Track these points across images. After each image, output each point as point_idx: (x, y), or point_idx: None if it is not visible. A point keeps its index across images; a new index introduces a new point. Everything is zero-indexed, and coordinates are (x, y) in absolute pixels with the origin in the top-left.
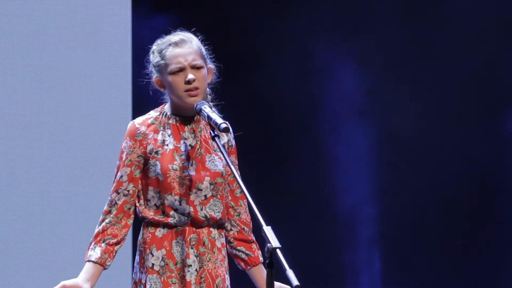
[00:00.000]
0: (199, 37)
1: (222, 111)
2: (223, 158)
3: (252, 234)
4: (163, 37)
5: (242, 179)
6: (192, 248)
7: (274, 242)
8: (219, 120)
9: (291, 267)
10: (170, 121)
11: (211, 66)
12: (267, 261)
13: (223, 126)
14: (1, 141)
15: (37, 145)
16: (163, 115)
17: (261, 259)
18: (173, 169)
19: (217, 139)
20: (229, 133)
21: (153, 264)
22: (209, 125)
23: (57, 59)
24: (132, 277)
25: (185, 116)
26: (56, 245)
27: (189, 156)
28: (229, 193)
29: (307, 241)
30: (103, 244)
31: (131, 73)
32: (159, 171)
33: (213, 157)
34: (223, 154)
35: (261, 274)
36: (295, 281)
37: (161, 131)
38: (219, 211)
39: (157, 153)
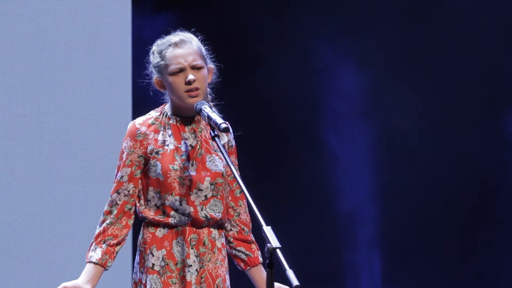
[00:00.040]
0: (199, 37)
1: (222, 111)
2: (223, 158)
3: (251, 234)
4: (163, 38)
5: (242, 179)
6: (192, 248)
7: (274, 242)
8: (219, 120)
9: (291, 267)
10: (170, 121)
11: (211, 66)
12: (267, 261)
13: (223, 126)
14: (1, 141)
15: (37, 145)
16: (164, 115)
17: (261, 259)
18: (174, 169)
19: (217, 139)
20: (229, 133)
21: (153, 264)
22: (209, 125)
23: (57, 59)
24: (132, 277)
25: (185, 116)
26: (56, 245)
27: (189, 156)
28: (229, 193)
29: (307, 241)
30: (103, 245)
31: (131, 73)
32: (159, 171)
33: (214, 157)
34: (223, 154)
35: (261, 274)
36: (295, 281)
37: (161, 131)
38: (219, 211)
39: (157, 153)
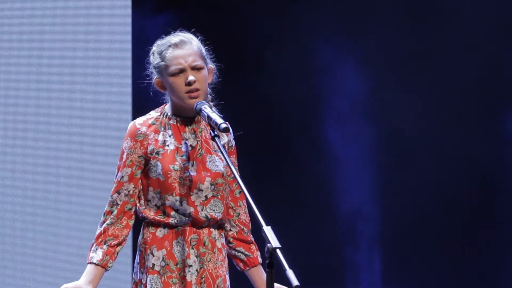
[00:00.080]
0: (199, 37)
1: (222, 111)
2: (223, 158)
3: (251, 235)
4: (163, 38)
5: (242, 179)
6: (192, 248)
7: (274, 242)
8: (219, 120)
9: (291, 267)
10: (171, 122)
11: (211, 66)
12: (267, 261)
13: (223, 126)
14: (1, 141)
15: (37, 145)
16: (164, 116)
17: (260, 260)
18: (174, 170)
19: (217, 139)
20: (229, 133)
21: (153, 264)
22: (209, 125)
23: (57, 59)
24: (132, 277)
25: (186, 116)
26: (56, 245)
27: (190, 156)
28: (229, 194)
29: (307, 241)
30: (104, 246)
31: (131, 73)
32: (160, 171)
33: (214, 157)
34: (223, 154)
35: (260, 275)
36: (295, 281)
37: (161, 132)
38: (219, 212)
39: (158, 153)
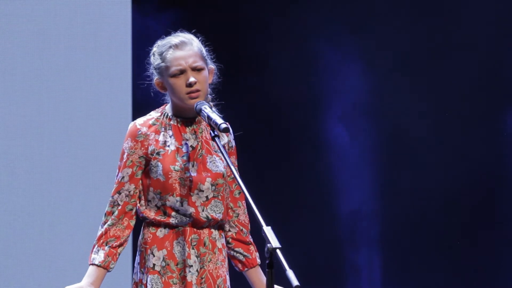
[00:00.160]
0: (199, 37)
1: (222, 111)
2: (223, 159)
3: (250, 236)
4: (163, 39)
5: (242, 179)
6: (193, 248)
7: (274, 242)
8: (219, 120)
9: (291, 267)
10: (171, 122)
11: (212, 66)
12: (267, 261)
13: (223, 126)
14: (1, 141)
15: (37, 145)
16: (164, 116)
17: (259, 261)
18: (175, 170)
19: (217, 140)
20: (229, 134)
21: (154, 264)
22: (209, 126)
23: (57, 59)
24: (132, 278)
25: (186, 117)
26: (56, 245)
27: (190, 157)
28: (229, 194)
29: (307, 241)
30: (106, 247)
31: (131, 73)
32: (160, 172)
33: (214, 158)
34: (223, 154)
35: (258, 276)
36: (295, 281)
37: (162, 132)
38: (220, 212)
39: (158, 154)
